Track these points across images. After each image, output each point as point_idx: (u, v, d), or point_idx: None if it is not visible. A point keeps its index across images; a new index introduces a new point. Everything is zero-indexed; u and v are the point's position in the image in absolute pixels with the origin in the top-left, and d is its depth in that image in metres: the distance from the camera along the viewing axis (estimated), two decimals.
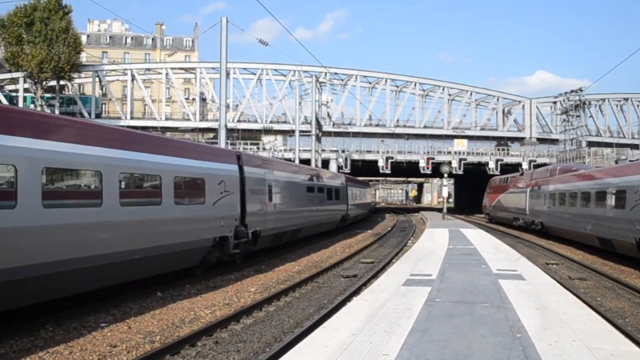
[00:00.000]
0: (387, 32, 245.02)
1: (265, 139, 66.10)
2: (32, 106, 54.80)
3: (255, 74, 65.12)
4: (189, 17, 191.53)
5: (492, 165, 57.38)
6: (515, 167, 55.26)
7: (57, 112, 56.69)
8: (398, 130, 63.13)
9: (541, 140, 66.71)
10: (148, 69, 68.26)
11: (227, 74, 30.80)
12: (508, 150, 64.85)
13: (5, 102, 54.15)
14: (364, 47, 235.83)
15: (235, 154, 16.46)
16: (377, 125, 66.59)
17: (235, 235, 15.24)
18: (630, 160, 46.17)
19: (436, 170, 53.47)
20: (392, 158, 56.95)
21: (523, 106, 68.52)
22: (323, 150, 52.03)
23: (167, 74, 64.62)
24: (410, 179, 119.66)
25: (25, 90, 57.62)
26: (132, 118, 62.16)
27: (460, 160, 56.94)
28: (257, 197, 16.89)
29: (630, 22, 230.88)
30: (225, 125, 26.65)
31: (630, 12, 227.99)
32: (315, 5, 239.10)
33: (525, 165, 55.82)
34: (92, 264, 9.54)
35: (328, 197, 27.78)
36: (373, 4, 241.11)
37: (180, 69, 69.01)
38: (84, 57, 63.78)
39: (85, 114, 59.56)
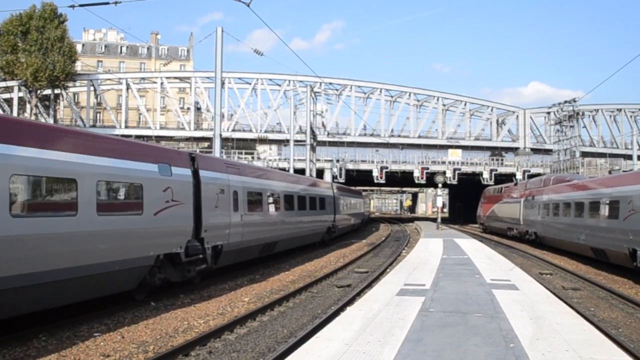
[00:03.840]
0: (383, 43, 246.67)
1: (260, 148, 66.11)
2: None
3: (250, 84, 65.22)
4: (186, 27, 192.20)
5: (486, 175, 57.54)
6: (509, 177, 55.45)
7: (51, 121, 56.69)
8: (392, 140, 63.30)
9: (535, 151, 67.06)
10: (143, 78, 68.33)
11: (222, 83, 30.84)
12: (502, 160, 65.06)
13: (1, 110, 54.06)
14: (359, 57, 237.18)
15: None
16: (371, 135, 66.77)
17: None
18: (623, 171, 46.56)
19: (430, 180, 53.55)
20: (387, 168, 57.04)
21: (517, 116, 68.89)
22: (318, 160, 52.09)
23: (162, 83, 64.66)
24: (404, 189, 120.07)
25: (20, 99, 57.53)
26: (126, 127, 62.09)
27: (455, 170, 57.12)
28: None
29: (623, 33, 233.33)
30: (220, 135, 26.70)
31: (624, 23, 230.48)
32: (312, 16, 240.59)
33: (519, 176, 56.00)
34: None
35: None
36: (370, 14, 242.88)
37: (175, 78, 69.01)
38: (79, 66, 63.78)
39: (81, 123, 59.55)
